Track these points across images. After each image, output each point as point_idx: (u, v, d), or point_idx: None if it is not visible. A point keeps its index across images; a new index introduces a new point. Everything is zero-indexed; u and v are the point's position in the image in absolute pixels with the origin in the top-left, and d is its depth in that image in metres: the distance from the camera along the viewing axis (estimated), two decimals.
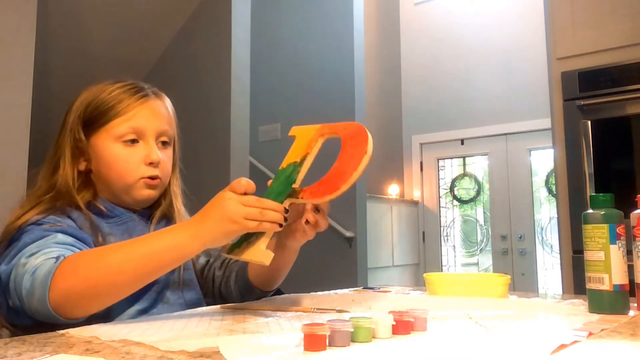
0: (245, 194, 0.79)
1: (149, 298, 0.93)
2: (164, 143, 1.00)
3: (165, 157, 0.99)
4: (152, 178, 0.96)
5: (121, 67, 3.38)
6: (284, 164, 0.85)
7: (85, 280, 0.75)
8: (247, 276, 1.02)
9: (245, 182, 0.80)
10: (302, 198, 0.81)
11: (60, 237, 0.84)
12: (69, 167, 0.96)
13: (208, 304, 1.03)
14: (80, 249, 0.84)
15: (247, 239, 0.81)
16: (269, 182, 0.86)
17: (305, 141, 0.86)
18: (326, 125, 0.87)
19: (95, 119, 0.96)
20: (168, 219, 1.04)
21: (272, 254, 0.79)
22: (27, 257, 0.79)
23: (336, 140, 0.85)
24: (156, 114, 0.99)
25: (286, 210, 0.80)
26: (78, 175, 0.97)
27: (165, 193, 1.04)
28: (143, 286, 0.82)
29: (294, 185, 0.82)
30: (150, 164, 0.96)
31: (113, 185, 0.97)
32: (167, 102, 1.04)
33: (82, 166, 0.98)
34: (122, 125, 0.95)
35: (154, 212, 1.02)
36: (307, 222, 0.88)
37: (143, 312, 0.91)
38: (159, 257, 0.78)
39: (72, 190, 0.95)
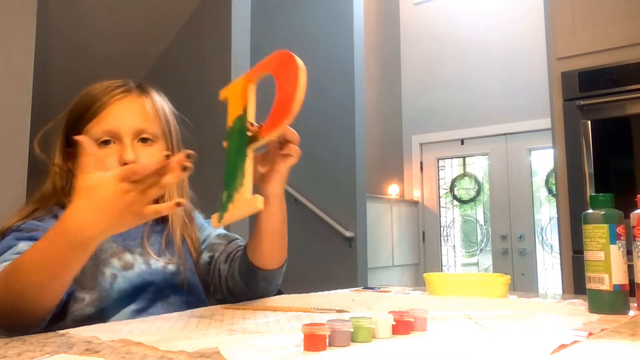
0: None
1: (145, 298, 0.92)
2: (145, 140, 0.96)
3: (146, 155, 0.94)
4: None
5: (121, 67, 3.38)
6: (229, 123, 0.83)
7: (3, 294, 0.73)
8: (247, 259, 0.97)
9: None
10: (262, 138, 0.78)
11: (22, 246, 0.82)
12: (59, 169, 0.96)
13: (218, 301, 1.02)
14: None
15: (228, 200, 0.78)
16: (224, 144, 0.83)
17: (239, 94, 0.83)
18: (250, 71, 0.84)
19: (77, 122, 0.95)
20: (163, 221, 1.02)
21: (261, 197, 0.75)
22: None
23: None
24: (130, 112, 0.95)
25: (168, 157, 0.72)
26: (72, 179, 0.95)
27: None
28: (64, 286, 0.75)
29: (248, 133, 0.79)
30: (124, 164, 0.91)
31: None
32: (154, 97, 1.01)
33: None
34: (95, 127, 0.93)
35: None
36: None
37: (139, 312, 0.91)
38: (51, 270, 0.71)
39: (58, 192, 0.94)
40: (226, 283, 1.02)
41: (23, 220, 0.89)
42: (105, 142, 0.93)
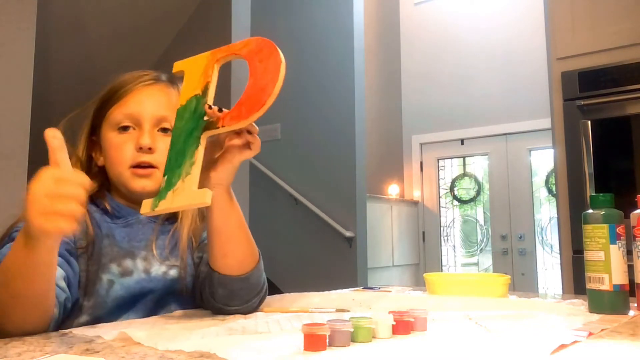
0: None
1: (143, 307, 0.89)
2: (166, 130, 0.92)
3: (165, 145, 0.87)
4: (142, 167, 0.89)
5: (121, 67, 3.37)
6: (181, 101, 0.75)
7: None
8: (208, 262, 0.87)
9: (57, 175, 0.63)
10: (222, 126, 0.71)
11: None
12: (81, 160, 0.93)
13: (197, 307, 0.94)
14: None
15: (169, 187, 0.71)
16: (171, 124, 0.77)
17: (200, 71, 0.76)
18: (217, 49, 0.77)
19: (101, 109, 0.94)
20: (175, 219, 0.96)
21: (210, 192, 0.68)
22: None
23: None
24: (154, 98, 0.93)
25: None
26: (92, 170, 0.94)
27: None
28: (40, 296, 0.70)
29: (206, 118, 0.72)
30: (140, 149, 0.89)
31: (111, 177, 0.93)
32: (172, 84, 0.98)
33: (101, 161, 0.94)
34: (117, 111, 0.91)
35: None
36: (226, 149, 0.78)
37: None
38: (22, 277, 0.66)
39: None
40: (199, 286, 0.92)
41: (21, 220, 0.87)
42: (125, 128, 0.91)
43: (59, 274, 0.78)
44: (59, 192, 0.60)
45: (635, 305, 0.86)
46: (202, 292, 0.90)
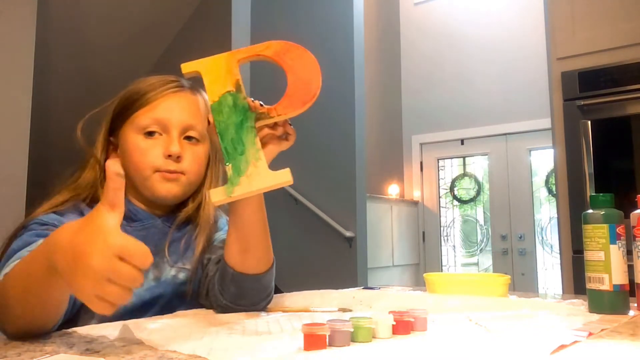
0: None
1: (153, 313, 0.89)
2: (190, 138, 0.93)
3: (191, 153, 0.92)
4: (169, 172, 0.90)
5: (121, 68, 3.38)
6: (213, 98, 0.75)
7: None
8: (223, 255, 0.87)
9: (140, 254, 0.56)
10: (276, 115, 0.75)
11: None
12: (99, 162, 0.93)
13: (201, 306, 0.94)
14: None
15: (239, 173, 0.71)
16: (210, 118, 0.76)
17: (222, 70, 0.77)
18: (236, 50, 0.79)
19: (124, 111, 0.93)
20: (194, 224, 0.96)
21: (288, 169, 0.71)
22: (4, 268, 0.76)
23: None
24: (182, 106, 0.93)
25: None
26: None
27: (195, 195, 0.97)
28: (47, 309, 0.66)
29: (253, 110, 0.74)
30: (169, 156, 0.89)
31: (133, 180, 0.92)
32: (204, 97, 0.97)
33: None
34: (144, 115, 0.91)
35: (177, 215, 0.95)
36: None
37: None
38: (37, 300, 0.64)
39: (97, 184, 0.91)
40: (206, 285, 0.92)
41: (47, 212, 0.86)
42: (151, 134, 0.91)
43: None
44: (122, 277, 0.54)
45: (635, 305, 0.86)
46: (208, 290, 0.89)
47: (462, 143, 5.12)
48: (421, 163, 5.33)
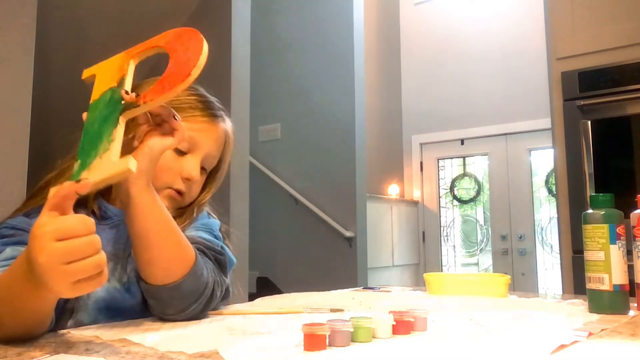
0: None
1: (128, 315, 0.84)
2: (202, 169, 0.93)
3: (199, 181, 0.92)
4: (179, 192, 0.90)
5: None
6: (94, 96, 0.71)
7: None
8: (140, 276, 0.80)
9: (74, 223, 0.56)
10: (144, 103, 0.67)
11: (8, 252, 0.75)
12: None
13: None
14: None
15: (82, 167, 0.64)
16: (84, 116, 0.70)
17: (114, 69, 0.73)
18: (132, 47, 0.75)
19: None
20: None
21: (134, 159, 0.62)
22: None
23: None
24: (218, 137, 0.93)
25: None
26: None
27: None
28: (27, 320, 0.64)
29: (123, 102, 0.68)
30: (187, 179, 0.89)
31: None
32: (229, 126, 0.96)
33: None
34: (186, 128, 0.89)
35: None
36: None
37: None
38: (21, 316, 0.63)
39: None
40: None
41: (15, 215, 0.84)
42: (180, 151, 0.89)
43: None
44: (74, 253, 0.53)
45: (635, 305, 0.86)
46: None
47: (462, 143, 5.12)
48: (421, 163, 5.33)
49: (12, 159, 2.07)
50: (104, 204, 0.90)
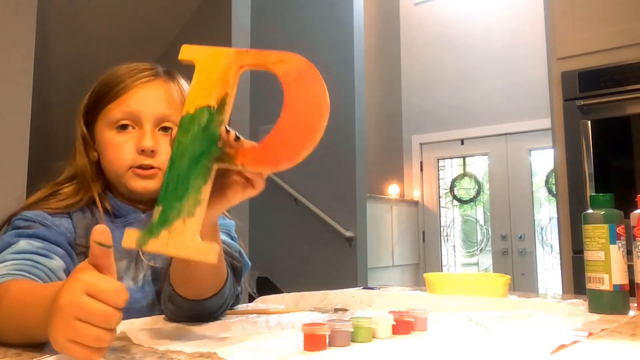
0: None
1: (136, 314, 0.85)
2: (167, 129, 0.88)
3: (165, 145, 0.87)
4: (144, 168, 0.87)
5: None
6: (188, 107, 0.60)
7: None
8: (169, 279, 0.79)
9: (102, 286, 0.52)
10: (242, 165, 0.58)
11: (22, 245, 0.76)
12: (82, 156, 0.90)
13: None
14: (45, 255, 0.77)
15: (164, 223, 0.56)
16: (173, 134, 0.60)
17: (217, 72, 0.62)
18: (244, 51, 0.63)
19: (96, 104, 0.90)
20: None
21: (217, 247, 0.55)
22: None
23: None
24: (154, 96, 0.89)
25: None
26: (90, 167, 0.90)
27: None
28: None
29: (219, 143, 0.58)
30: (142, 151, 0.86)
31: (108, 176, 0.90)
32: (181, 84, 0.93)
33: (94, 156, 0.91)
34: (115, 109, 0.87)
35: None
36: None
37: None
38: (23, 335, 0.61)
39: (89, 180, 0.89)
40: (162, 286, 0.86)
41: (32, 208, 0.84)
42: (124, 127, 0.87)
43: (59, 265, 0.78)
44: (89, 314, 0.50)
45: (635, 305, 0.86)
46: (161, 291, 0.83)
47: (462, 143, 5.12)
48: (421, 163, 5.33)
49: (12, 159, 2.07)
50: (116, 202, 0.91)
